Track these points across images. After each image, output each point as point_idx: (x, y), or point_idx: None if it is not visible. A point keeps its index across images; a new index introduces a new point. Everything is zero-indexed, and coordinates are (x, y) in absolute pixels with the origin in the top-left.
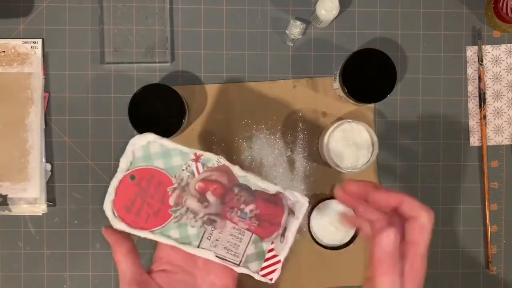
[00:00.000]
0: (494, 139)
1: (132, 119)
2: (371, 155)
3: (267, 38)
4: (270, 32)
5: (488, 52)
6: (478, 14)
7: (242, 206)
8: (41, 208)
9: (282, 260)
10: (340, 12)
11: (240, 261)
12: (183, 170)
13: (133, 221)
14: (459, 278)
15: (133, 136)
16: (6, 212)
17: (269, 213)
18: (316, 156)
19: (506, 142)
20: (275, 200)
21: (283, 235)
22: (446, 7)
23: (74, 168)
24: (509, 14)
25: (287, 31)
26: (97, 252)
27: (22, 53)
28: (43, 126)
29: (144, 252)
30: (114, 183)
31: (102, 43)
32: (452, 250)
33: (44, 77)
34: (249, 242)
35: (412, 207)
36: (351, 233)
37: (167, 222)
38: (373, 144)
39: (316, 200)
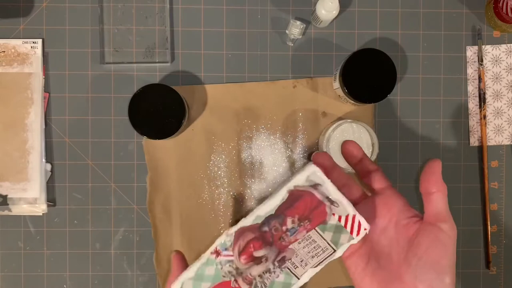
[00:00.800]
0: (494, 139)
1: (132, 119)
2: (371, 155)
3: (267, 38)
4: (270, 32)
5: (488, 52)
6: (478, 14)
7: (283, 228)
8: (41, 208)
9: (354, 212)
10: (340, 12)
11: (333, 249)
12: (221, 269)
13: None
14: (459, 278)
15: (133, 136)
16: (6, 212)
17: (304, 207)
18: None
19: (506, 142)
20: (296, 195)
21: (331, 202)
22: (446, 7)
23: (74, 168)
24: (509, 14)
25: (287, 31)
26: (97, 252)
27: (22, 53)
28: (43, 126)
29: (143, 252)
30: None
31: (102, 43)
32: None
33: (44, 77)
34: (321, 235)
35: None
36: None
37: None
38: (373, 144)
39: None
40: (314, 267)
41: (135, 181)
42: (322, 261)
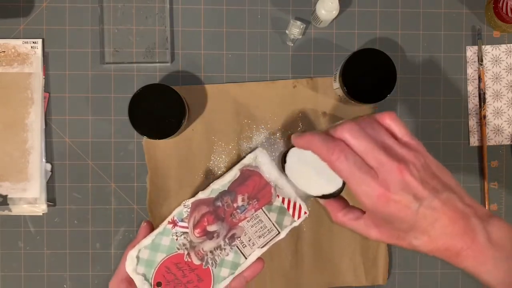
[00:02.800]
0: (494, 139)
1: (132, 119)
2: None
3: (267, 38)
4: (270, 32)
5: (488, 52)
6: (478, 14)
7: (234, 205)
8: (41, 208)
9: (295, 196)
10: (340, 12)
11: (277, 230)
12: (176, 240)
13: None
14: (459, 278)
15: (133, 136)
16: (6, 212)
17: (253, 186)
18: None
19: (506, 142)
20: (246, 175)
21: (277, 185)
22: (446, 7)
23: (74, 168)
24: (509, 14)
25: (287, 31)
26: (97, 252)
27: (22, 53)
28: (43, 126)
29: None
30: None
31: (102, 43)
32: None
33: (44, 77)
34: (267, 215)
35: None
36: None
37: (211, 278)
38: None
39: (286, 150)
40: (261, 247)
41: (135, 181)
42: (268, 241)
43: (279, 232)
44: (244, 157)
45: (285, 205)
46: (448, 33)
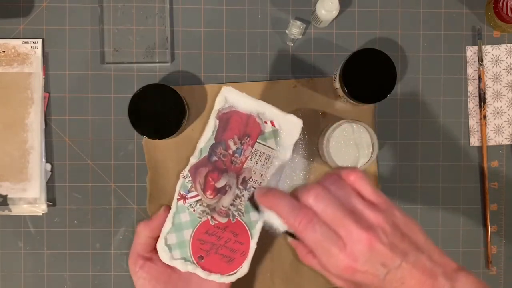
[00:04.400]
0: (494, 139)
1: (132, 119)
2: (371, 155)
3: (267, 38)
4: (270, 32)
5: (488, 52)
6: (478, 14)
7: (229, 152)
8: (41, 208)
9: (279, 112)
10: (340, 12)
11: (282, 152)
12: (194, 211)
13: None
14: None
15: (133, 136)
16: (6, 212)
17: (237, 126)
18: (316, 156)
19: (506, 142)
20: (225, 119)
21: (259, 112)
22: (446, 7)
23: (74, 168)
24: (509, 14)
25: (287, 31)
26: (97, 252)
27: (22, 53)
28: (43, 126)
29: None
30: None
31: (102, 43)
32: (452, 250)
33: (44, 77)
34: (265, 145)
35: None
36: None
37: (246, 227)
38: (373, 144)
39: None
40: (275, 177)
41: (135, 181)
42: (279, 167)
43: (284, 153)
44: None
45: (276, 126)
46: (448, 33)
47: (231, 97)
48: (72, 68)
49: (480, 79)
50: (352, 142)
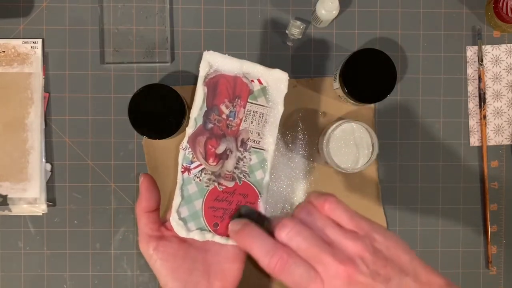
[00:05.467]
0: (494, 139)
1: (132, 119)
2: (371, 155)
3: (267, 38)
4: (270, 32)
5: (488, 52)
6: (478, 14)
7: (223, 116)
8: (41, 208)
9: (261, 68)
10: (340, 12)
11: (274, 107)
12: (200, 181)
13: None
14: (459, 278)
15: (133, 136)
16: (6, 212)
17: (225, 89)
18: (316, 156)
19: (506, 142)
20: (213, 84)
21: (244, 72)
22: (446, 7)
23: (74, 168)
24: (509, 14)
25: (287, 31)
26: (97, 252)
27: (22, 53)
28: (43, 126)
29: None
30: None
31: (102, 43)
32: (452, 250)
33: (44, 77)
34: (257, 103)
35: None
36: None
37: (253, 187)
38: (373, 144)
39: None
40: (271, 133)
41: (135, 181)
42: (274, 123)
43: (277, 108)
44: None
45: (264, 83)
46: (448, 33)
47: (214, 61)
48: (72, 68)
49: (480, 79)
50: (352, 142)
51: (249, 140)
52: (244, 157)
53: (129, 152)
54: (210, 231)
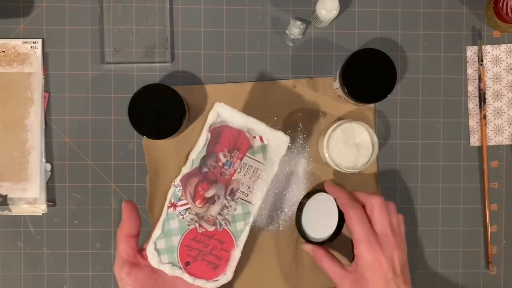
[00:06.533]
0: (494, 139)
1: (132, 119)
2: (371, 155)
3: (267, 38)
4: (270, 32)
5: (488, 52)
6: (478, 14)
7: (219, 164)
8: (41, 208)
9: (268, 129)
10: (340, 12)
11: (269, 166)
12: (183, 218)
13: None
14: (459, 278)
15: (133, 136)
16: (6, 212)
17: (228, 140)
18: (316, 156)
19: (506, 142)
20: (217, 133)
21: (249, 128)
22: (446, 7)
23: (74, 168)
24: (509, 14)
25: (287, 31)
26: (97, 252)
27: (22, 53)
28: (43, 126)
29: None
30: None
31: (102, 43)
32: (452, 250)
33: (44, 77)
34: (253, 159)
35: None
36: (333, 227)
37: (231, 236)
38: (373, 144)
39: (306, 194)
40: (262, 188)
41: (135, 181)
42: (266, 180)
43: (271, 167)
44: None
45: (265, 142)
46: (448, 33)
47: (223, 113)
48: (72, 68)
49: (480, 79)
50: (352, 142)
51: (239, 191)
52: (230, 205)
53: (129, 152)
54: (180, 268)
